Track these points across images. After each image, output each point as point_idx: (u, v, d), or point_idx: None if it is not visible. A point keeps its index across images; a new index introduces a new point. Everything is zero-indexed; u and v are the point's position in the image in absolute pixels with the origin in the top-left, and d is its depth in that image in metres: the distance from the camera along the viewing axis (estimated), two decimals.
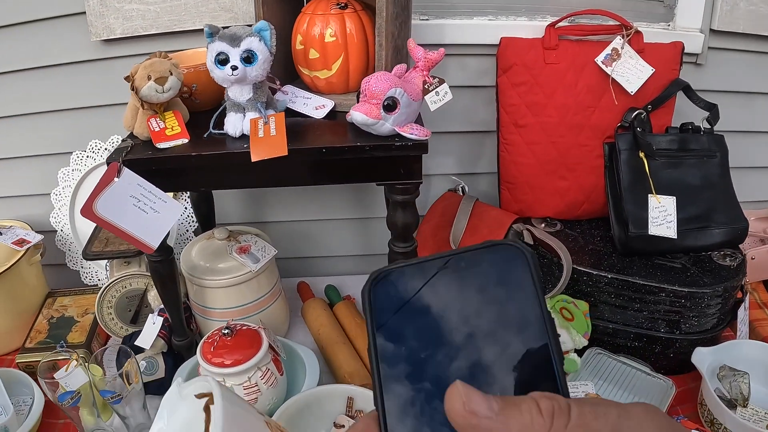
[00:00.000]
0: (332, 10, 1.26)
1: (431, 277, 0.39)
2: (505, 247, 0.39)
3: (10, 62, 1.62)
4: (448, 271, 0.39)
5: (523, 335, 0.38)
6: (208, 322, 1.44)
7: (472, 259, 0.39)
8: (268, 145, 1.14)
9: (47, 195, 1.74)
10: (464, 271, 0.39)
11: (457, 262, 0.39)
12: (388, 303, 0.39)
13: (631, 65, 1.47)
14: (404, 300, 0.39)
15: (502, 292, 0.38)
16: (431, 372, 0.38)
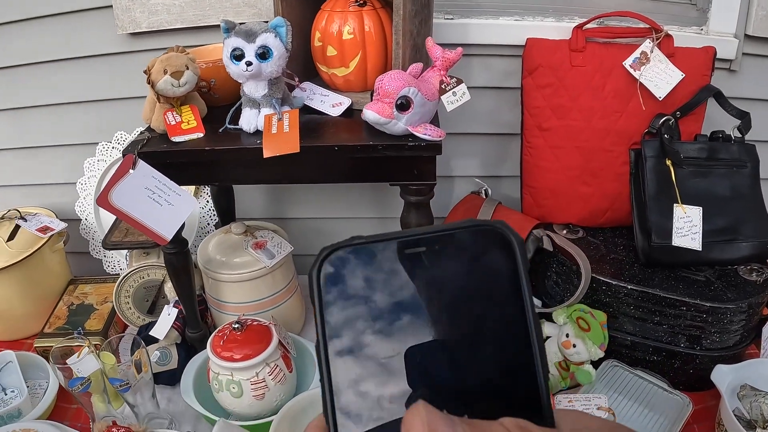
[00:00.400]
0: (351, 8, 1.25)
1: (397, 258, 0.35)
2: (488, 231, 0.35)
3: (39, 53, 1.66)
4: (418, 252, 0.35)
5: (502, 334, 0.34)
6: (223, 315, 1.44)
7: (448, 240, 0.35)
8: (281, 141, 1.14)
9: (73, 184, 1.77)
10: (438, 253, 0.35)
11: (430, 243, 0.35)
12: (342, 288, 0.35)
13: (660, 70, 1.43)
14: (362, 285, 0.35)
15: (481, 283, 0.35)
16: (391, 372, 0.34)
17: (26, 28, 1.63)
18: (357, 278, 0.35)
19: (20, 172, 1.85)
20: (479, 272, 0.35)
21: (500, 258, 0.34)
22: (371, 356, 0.34)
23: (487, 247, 0.35)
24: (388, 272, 0.35)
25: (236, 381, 1.22)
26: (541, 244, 1.49)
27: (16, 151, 1.82)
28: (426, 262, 0.35)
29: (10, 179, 1.87)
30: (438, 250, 0.35)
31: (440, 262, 0.35)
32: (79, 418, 1.39)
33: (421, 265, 0.35)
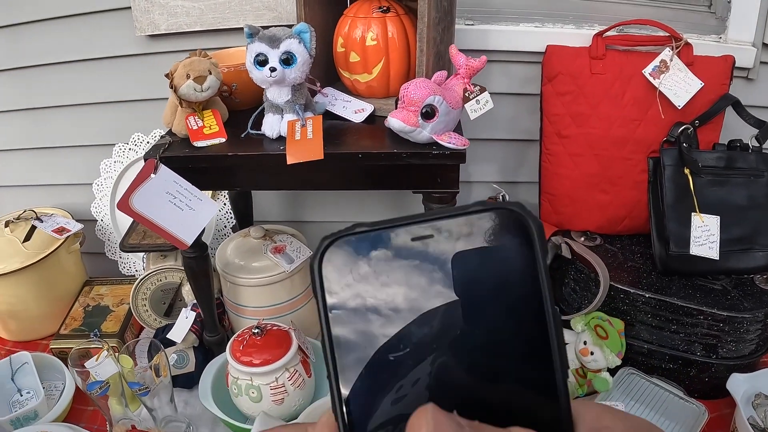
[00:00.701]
0: (374, 14, 1.25)
1: (404, 245, 0.32)
2: (503, 214, 0.32)
3: (57, 53, 1.66)
4: (426, 239, 0.32)
5: (518, 326, 0.32)
6: (241, 319, 1.44)
7: (460, 225, 0.32)
8: (305, 148, 1.13)
9: (89, 185, 1.77)
10: (448, 240, 0.32)
11: (440, 229, 0.32)
12: (346, 280, 0.33)
13: (679, 78, 1.43)
14: (367, 276, 0.32)
15: (495, 271, 0.32)
16: (399, 366, 0.32)
17: (44, 28, 1.63)
18: (361, 269, 0.33)
19: (36, 172, 1.85)
20: (493, 259, 0.32)
21: (516, 243, 0.32)
22: (379, 351, 0.33)
23: (501, 231, 0.32)
24: (394, 261, 0.33)
25: (255, 386, 1.23)
26: (560, 251, 1.49)
27: (33, 151, 1.82)
28: (439, 248, 0.33)
29: (27, 179, 1.87)
30: (448, 236, 0.32)
31: (452, 248, 0.32)
32: (96, 421, 1.39)
33: (433, 251, 0.33)
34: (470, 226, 0.32)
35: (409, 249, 0.32)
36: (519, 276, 0.32)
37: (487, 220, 0.32)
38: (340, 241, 0.33)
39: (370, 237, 0.33)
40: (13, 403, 1.43)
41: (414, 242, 0.32)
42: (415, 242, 0.32)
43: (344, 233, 0.33)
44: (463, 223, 0.32)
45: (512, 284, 0.32)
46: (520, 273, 0.32)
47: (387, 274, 0.32)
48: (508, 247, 0.32)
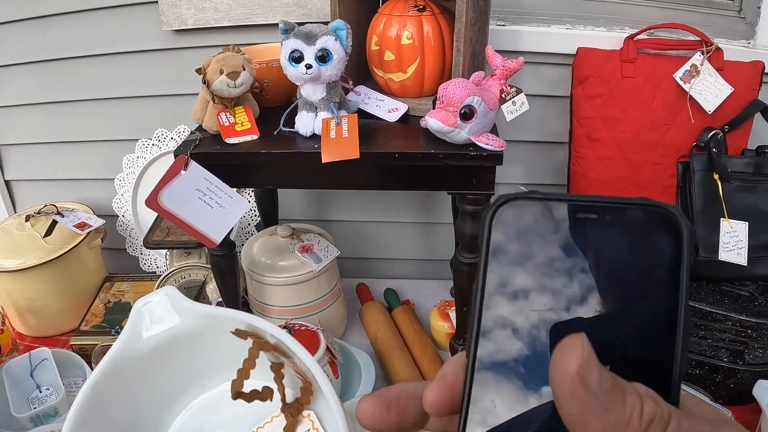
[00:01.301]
0: (410, 12, 1.24)
1: (568, 220, 0.35)
2: (661, 213, 0.34)
3: (82, 47, 1.65)
4: (588, 218, 0.34)
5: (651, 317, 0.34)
6: (266, 318, 1.43)
7: (620, 212, 0.34)
8: (340, 146, 1.12)
9: (111, 180, 1.76)
10: (608, 224, 0.34)
11: (602, 212, 0.34)
12: (510, 236, 0.35)
13: (709, 83, 1.42)
14: (530, 237, 0.35)
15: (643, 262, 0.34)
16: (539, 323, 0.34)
17: (70, 21, 1.62)
18: (527, 231, 0.35)
19: (58, 166, 1.84)
20: (643, 251, 0.34)
21: (667, 242, 0.33)
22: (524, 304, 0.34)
23: (656, 228, 0.34)
24: (556, 231, 0.35)
25: None
26: None
27: (55, 145, 1.81)
28: (595, 229, 0.34)
29: (48, 173, 1.86)
30: (609, 220, 0.34)
31: (608, 233, 0.34)
32: None
33: (589, 231, 0.34)
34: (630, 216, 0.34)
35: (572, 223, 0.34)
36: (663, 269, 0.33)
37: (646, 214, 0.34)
38: (515, 201, 0.35)
39: (542, 204, 0.35)
40: (32, 399, 1.41)
41: (578, 218, 0.34)
42: (579, 218, 0.34)
43: (521, 195, 0.34)
44: (625, 211, 0.34)
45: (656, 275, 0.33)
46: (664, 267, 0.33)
47: (547, 240, 0.34)
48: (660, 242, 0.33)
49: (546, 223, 0.35)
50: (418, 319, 1.55)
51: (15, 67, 1.72)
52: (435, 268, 1.86)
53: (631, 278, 0.34)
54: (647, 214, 0.34)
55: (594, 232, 0.34)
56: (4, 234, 1.60)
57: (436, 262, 1.85)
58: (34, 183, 1.88)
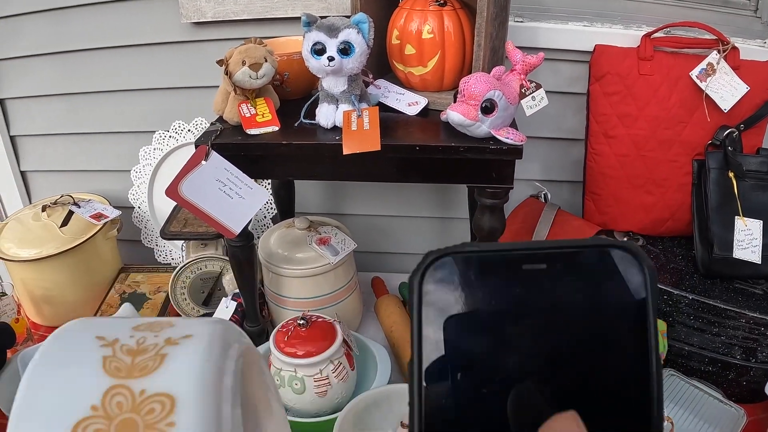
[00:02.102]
0: (431, 7, 1.24)
1: (513, 273, 0.32)
2: (617, 252, 0.32)
3: (100, 38, 1.65)
4: (536, 269, 0.32)
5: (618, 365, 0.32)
6: (281, 310, 1.44)
7: (573, 258, 0.32)
8: (361, 139, 1.13)
9: (127, 172, 1.77)
10: (560, 272, 0.32)
11: (553, 260, 0.32)
12: (447, 299, 0.32)
13: (725, 82, 1.42)
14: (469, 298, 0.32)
15: (602, 308, 0.32)
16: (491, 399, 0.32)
17: (89, 12, 1.63)
18: (465, 289, 0.32)
19: (75, 157, 1.85)
20: (601, 296, 0.32)
21: (627, 283, 0.32)
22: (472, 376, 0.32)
23: (614, 269, 0.32)
24: (500, 286, 0.32)
25: (299, 377, 1.22)
26: None
27: (72, 136, 1.82)
28: (545, 279, 0.32)
29: (65, 164, 1.87)
30: (561, 268, 0.32)
31: (561, 281, 0.32)
32: None
33: (539, 282, 0.32)
34: (585, 259, 0.32)
35: (518, 276, 0.32)
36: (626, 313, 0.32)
37: (602, 255, 0.32)
38: (446, 258, 0.32)
39: (479, 258, 0.32)
40: None
41: (525, 270, 0.32)
42: (526, 270, 0.32)
43: (452, 250, 0.32)
44: (579, 256, 0.32)
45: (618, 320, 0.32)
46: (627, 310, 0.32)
47: (490, 298, 0.32)
48: (619, 285, 0.32)
49: (490, 278, 0.32)
50: None
51: (33, 58, 1.72)
52: None
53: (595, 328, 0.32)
54: (603, 255, 0.32)
55: (548, 282, 0.32)
56: (20, 224, 1.61)
57: None
58: (50, 174, 1.89)
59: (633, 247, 0.32)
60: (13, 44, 1.71)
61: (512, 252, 0.32)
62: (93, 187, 1.81)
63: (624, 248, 0.32)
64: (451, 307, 0.32)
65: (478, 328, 0.32)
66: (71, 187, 1.78)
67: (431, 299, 0.32)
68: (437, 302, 0.32)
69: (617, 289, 0.32)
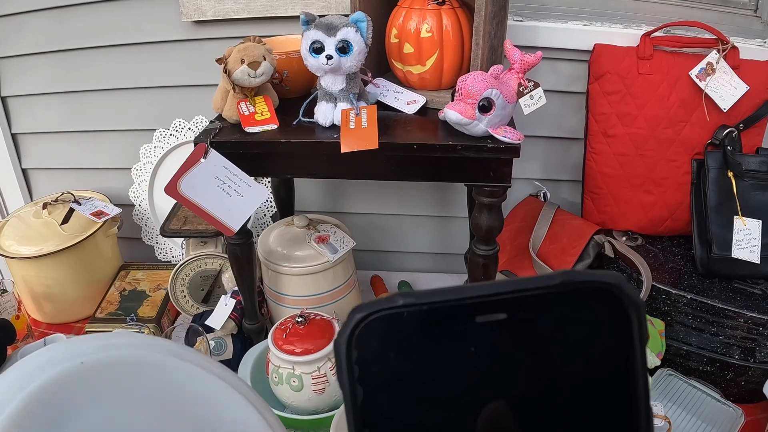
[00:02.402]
0: (429, 6, 1.24)
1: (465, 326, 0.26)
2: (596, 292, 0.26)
3: (100, 37, 1.66)
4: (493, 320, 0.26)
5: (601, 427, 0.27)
6: (281, 308, 1.44)
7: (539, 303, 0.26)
8: (359, 137, 1.13)
9: (128, 170, 1.78)
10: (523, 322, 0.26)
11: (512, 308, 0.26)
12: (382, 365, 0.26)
13: (725, 81, 1.42)
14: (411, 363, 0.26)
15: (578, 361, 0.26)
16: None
17: (89, 11, 1.64)
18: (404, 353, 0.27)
19: (75, 155, 1.86)
20: (577, 347, 0.26)
21: (608, 328, 0.26)
22: None
23: (592, 312, 0.26)
24: (447, 347, 0.26)
25: (297, 375, 1.22)
26: (603, 250, 1.49)
27: (73, 134, 1.82)
28: (504, 332, 0.26)
29: (66, 162, 1.88)
30: (524, 317, 0.26)
31: (524, 334, 0.26)
32: None
33: (498, 336, 0.26)
34: (554, 303, 0.26)
35: (470, 330, 0.26)
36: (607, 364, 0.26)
37: (576, 296, 0.26)
38: (378, 316, 0.26)
39: (419, 313, 0.26)
40: None
41: (479, 324, 0.26)
42: (480, 324, 0.26)
43: (383, 307, 0.26)
44: (546, 300, 0.26)
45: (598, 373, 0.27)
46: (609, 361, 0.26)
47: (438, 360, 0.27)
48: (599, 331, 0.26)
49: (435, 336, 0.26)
50: None
51: (33, 57, 1.73)
52: (449, 261, 1.87)
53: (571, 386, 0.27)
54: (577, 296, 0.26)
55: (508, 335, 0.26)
56: (21, 222, 1.62)
57: (450, 255, 1.86)
58: (51, 172, 1.90)
59: (616, 282, 0.26)
60: (15, 42, 1.72)
61: (460, 301, 0.26)
62: (94, 185, 1.82)
63: (600, 286, 0.26)
64: (389, 376, 0.27)
65: (423, 400, 0.27)
66: (72, 185, 1.79)
67: (364, 368, 0.27)
68: (371, 371, 0.27)
69: (596, 337, 0.26)
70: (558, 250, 1.50)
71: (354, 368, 0.26)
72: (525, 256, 1.52)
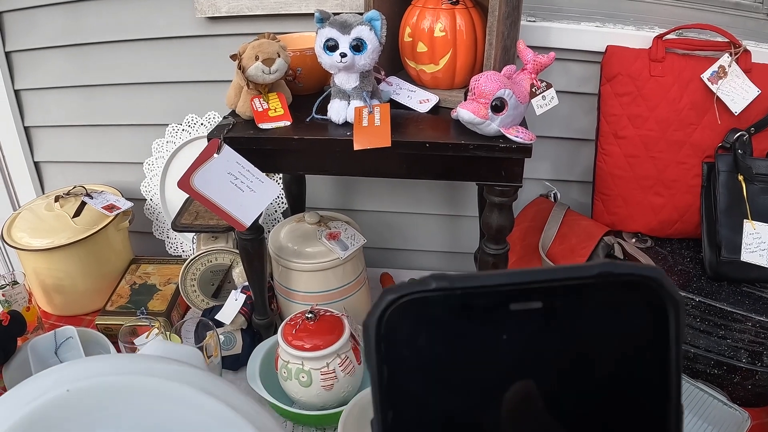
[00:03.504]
0: (443, 5, 1.25)
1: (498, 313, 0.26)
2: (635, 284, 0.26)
3: (115, 31, 1.67)
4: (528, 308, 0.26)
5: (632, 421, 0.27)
6: (290, 303, 1.45)
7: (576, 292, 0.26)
8: (372, 134, 1.14)
9: (140, 164, 1.78)
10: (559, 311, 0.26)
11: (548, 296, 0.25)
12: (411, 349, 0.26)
13: (737, 84, 1.43)
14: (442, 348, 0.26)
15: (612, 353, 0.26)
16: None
17: (103, 5, 1.64)
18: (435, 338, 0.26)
19: (88, 149, 1.86)
20: (611, 340, 0.26)
21: (645, 323, 0.26)
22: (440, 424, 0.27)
23: (627, 306, 0.26)
24: (481, 331, 0.26)
25: (306, 370, 1.23)
26: (612, 251, 1.49)
27: (86, 128, 1.83)
28: (538, 321, 0.26)
29: (78, 155, 1.89)
30: (559, 306, 0.26)
31: (558, 323, 0.26)
32: None
33: (531, 324, 0.26)
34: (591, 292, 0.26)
35: (504, 317, 0.26)
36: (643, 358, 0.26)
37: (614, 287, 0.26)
38: (410, 299, 0.26)
39: (451, 298, 0.26)
40: None
41: (513, 311, 0.26)
42: (514, 311, 0.26)
43: (416, 290, 0.26)
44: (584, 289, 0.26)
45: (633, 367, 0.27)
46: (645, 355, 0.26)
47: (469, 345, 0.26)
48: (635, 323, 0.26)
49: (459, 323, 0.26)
50: None
51: (47, 50, 1.74)
52: (459, 260, 1.87)
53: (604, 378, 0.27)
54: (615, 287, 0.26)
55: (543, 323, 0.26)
56: (33, 214, 1.63)
57: (460, 254, 1.86)
58: (63, 165, 1.91)
59: (656, 276, 0.25)
60: (28, 36, 1.72)
61: (495, 288, 0.25)
62: (106, 179, 1.83)
63: (643, 276, 0.25)
64: (417, 359, 0.26)
65: (450, 384, 0.26)
66: (84, 178, 1.80)
67: (392, 350, 0.26)
68: (399, 352, 0.26)
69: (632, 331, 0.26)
70: (567, 251, 1.50)
71: (382, 349, 0.26)
72: (534, 256, 1.52)
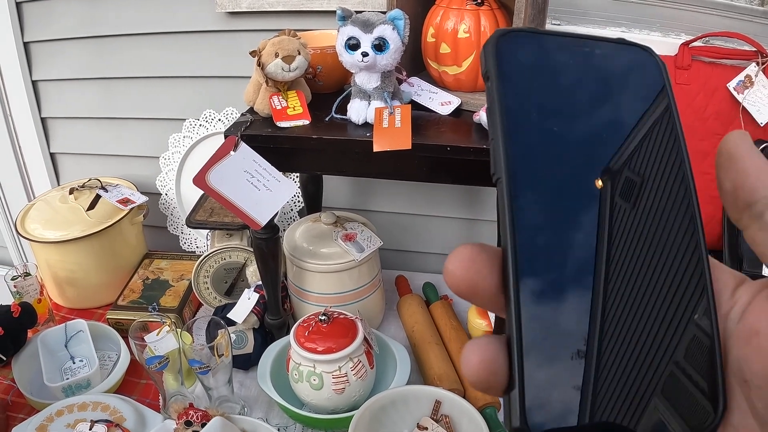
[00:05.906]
0: (468, 6, 1.23)
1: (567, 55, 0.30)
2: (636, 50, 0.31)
3: (134, 25, 1.66)
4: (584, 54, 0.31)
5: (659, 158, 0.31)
6: (304, 304, 1.43)
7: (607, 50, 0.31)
8: (392, 136, 1.12)
9: (156, 158, 1.78)
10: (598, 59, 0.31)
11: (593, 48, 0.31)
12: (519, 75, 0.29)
13: (763, 95, 1.40)
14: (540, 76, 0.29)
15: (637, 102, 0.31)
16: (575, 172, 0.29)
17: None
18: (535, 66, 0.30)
19: (104, 141, 1.86)
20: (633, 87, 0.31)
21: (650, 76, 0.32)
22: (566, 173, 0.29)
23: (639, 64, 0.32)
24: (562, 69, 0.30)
25: (318, 373, 1.21)
26: None
27: (102, 120, 1.83)
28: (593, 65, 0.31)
29: (94, 148, 1.88)
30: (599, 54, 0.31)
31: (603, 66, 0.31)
32: (148, 394, 1.39)
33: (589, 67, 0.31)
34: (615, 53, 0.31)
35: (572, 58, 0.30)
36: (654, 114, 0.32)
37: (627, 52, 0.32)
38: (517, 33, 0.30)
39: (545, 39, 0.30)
40: (65, 369, 1.43)
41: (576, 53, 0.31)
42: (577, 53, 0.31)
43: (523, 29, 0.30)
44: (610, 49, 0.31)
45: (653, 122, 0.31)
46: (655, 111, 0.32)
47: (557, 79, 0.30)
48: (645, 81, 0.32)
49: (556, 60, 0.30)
50: (456, 315, 1.53)
51: (66, 42, 1.74)
52: None
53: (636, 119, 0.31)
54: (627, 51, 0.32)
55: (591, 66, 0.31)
56: (47, 206, 1.63)
57: None
58: (79, 157, 1.91)
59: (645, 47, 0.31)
60: (47, 27, 1.72)
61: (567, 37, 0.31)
62: (121, 172, 1.82)
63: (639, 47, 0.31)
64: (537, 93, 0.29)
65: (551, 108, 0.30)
66: (99, 171, 1.79)
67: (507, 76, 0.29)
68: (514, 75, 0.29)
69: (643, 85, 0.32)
70: None
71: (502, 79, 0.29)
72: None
